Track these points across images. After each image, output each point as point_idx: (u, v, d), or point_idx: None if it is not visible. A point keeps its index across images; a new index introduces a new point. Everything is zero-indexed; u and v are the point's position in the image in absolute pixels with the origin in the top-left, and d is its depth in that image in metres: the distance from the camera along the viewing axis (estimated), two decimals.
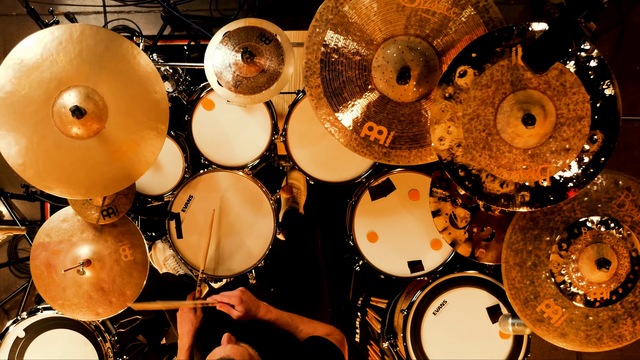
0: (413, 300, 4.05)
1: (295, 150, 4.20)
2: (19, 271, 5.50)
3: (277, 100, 4.77)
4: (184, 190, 4.28)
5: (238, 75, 3.61)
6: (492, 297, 4.04)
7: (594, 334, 3.29)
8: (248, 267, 4.35)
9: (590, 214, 3.26)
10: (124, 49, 3.17)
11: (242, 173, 4.25)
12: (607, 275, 3.22)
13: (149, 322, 4.97)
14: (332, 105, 3.19)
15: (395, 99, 3.16)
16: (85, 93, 3.10)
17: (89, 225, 3.85)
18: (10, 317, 5.17)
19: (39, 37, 3.12)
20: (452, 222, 3.72)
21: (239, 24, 3.67)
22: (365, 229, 4.27)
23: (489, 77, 2.87)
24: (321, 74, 3.17)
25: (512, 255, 3.33)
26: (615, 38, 5.13)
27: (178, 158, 4.29)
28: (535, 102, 2.84)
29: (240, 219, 4.33)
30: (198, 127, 4.21)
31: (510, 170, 2.94)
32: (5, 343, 4.24)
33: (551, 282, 3.28)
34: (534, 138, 2.88)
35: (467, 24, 3.06)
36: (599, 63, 2.81)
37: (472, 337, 4.06)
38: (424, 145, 3.20)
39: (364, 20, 3.10)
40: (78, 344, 4.28)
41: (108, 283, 3.80)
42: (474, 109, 2.90)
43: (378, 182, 4.17)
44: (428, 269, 4.25)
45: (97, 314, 3.82)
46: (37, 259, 3.82)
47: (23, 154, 3.13)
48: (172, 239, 4.32)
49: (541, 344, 5.23)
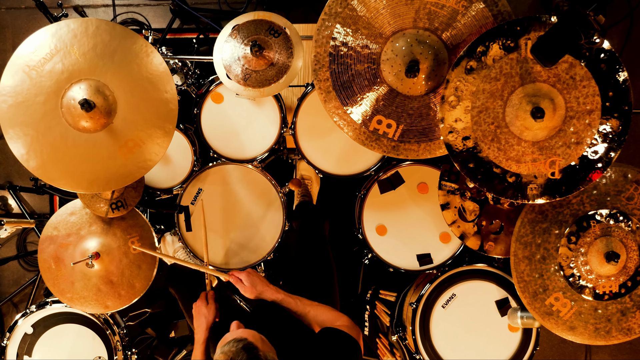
0: (422, 293, 4.05)
1: (304, 144, 4.20)
2: (28, 264, 5.50)
3: (286, 94, 4.76)
4: (193, 183, 4.28)
5: (247, 68, 3.61)
6: (501, 290, 4.03)
7: (603, 327, 3.29)
8: (257, 260, 4.36)
9: (599, 207, 3.26)
10: (137, 46, 3.18)
11: (251, 166, 4.26)
12: (616, 269, 3.22)
13: (158, 315, 4.98)
14: (341, 98, 3.19)
15: (404, 92, 3.16)
16: (95, 87, 3.11)
17: (98, 218, 3.86)
18: (19, 310, 5.17)
19: (54, 28, 3.13)
20: (461, 215, 3.72)
21: (248, 17, 3.67)
22: (374, 222, 4.27)
23: (498, 70, 2.87)
24: (330, 68, 3.17)
25: (521, 248, 3.33)
26: (624, 31, 5.11)
27: (187, 151, 4.29)
28: (545, 95, 2.84)
29: (249, 212, 4.33)
30: (207, 120, 4.21)
31: (519, 162, 2.94)
32: (13, 339, 4.25)
33: (560, 275, 3.28)
34: (542, 131, 2.88)
35: (476, 17, 3.06)
36: (609, 55, 2.81)
37: (480, 330, 4.06)
38: (432, 138, 3.20)
39: (372, 14, 3.10)
40: (86, 338, 4.29)
41: (117, 276, 3.81)
42: (483, 101, 2.90)
43: (387, 175, 4.16)
44: (437, 262, 4.25)
45: (106, 306, 3.83)
46: (45, 252, 3.83)
47: (28, 143, 3.13)
48: (181, 232, 4.32)
49: (550, 337, 5.22)
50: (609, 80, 2.84)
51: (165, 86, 3.19)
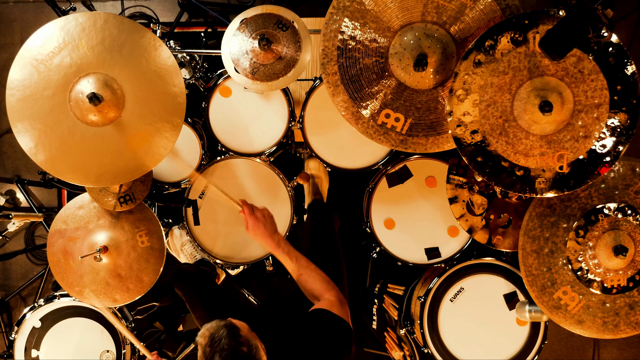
0: (430, 287, 4.05)
1: (312, 137, 4.20)
2: (36, 258, 5.52)
3: (294, 87, 4.76)
4: (201, 177, 4.28)
5: (255, 62, 3.61)
6: (509, 284, 4.04)
7: (611, 321, 3.29)
8: (265, 253, 4.37)
9: (607, 201, 3.25)
10: (146, 40, 3.18)
11: (259, 160, 4.26)
12: (624, 262, 3.21)
13: (166, 309, 4.99)
14: (349, 92, 3.19)
15: (412, 86, 3.16)
16: (103, 80, 3.11)
17: (106, 212, 3.86)
18: (28, 304, 5.19)
19: (62, 22, 3.14)
20: (469, 209, 3.72)
21: (256, 10, 3.67)
22: (383, 216, 4.27)
23: (507, 64, 2.86)
24: (338, 61, 3.17)
25: (529, 242, 3.33)
26: (633, 24, 5.10)
27: (195, 145, 4.29)
28: (553, 89, 2.84)
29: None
30: (215, 114, 4.21)
31: (527, 156, 2.94)
32: (21, 333, 4.26)
33: (568, 269, 3.28)
34: (551, 125, 2.88)
35: (484, 11, 3.05)
36: (617, 49, 2.80)
37: (489, 324, 4.06)
38: (441, 132, 3.20)
39: (380, 7, 3.10)
40: (95, 332, 4.30)
41: (125, 269, 3.81)
42: (491, 95, 2.90)
43: (395, 169, 4.16)
44: (445, 256, 4.25)
45: (115, 300, 3.84)
46: (54, 246, 3.83)
47: (36, 137, 3.14)
48: (189, 226, 4.33)
49: (558, 330, 5.22)
50: (617, 73, 2.83)
51: (174, 80, 3.19)
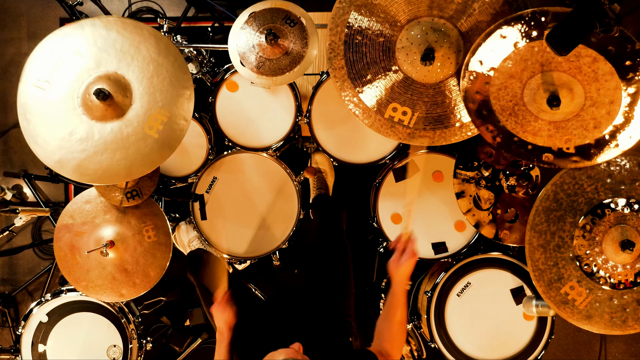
0: (437, 281, 4.05)
1: (319, 132, 4.21)
2: (43, 252, 5.52)
3: (301, 82, 4.76)
4: (207, 171, 4.29)
5: (261, 56, 3.61)
6: (516, 279, 4.03)
7: (619, 317, 3.28)
8: (272, 248, 4.37)
9: (614, 196, 3.24)
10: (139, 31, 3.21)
11: (266, 154, 4.26)
12: (631, 257, 3.20)
13: (173, 304, 4.99)
14: (356, 86, 3.19)
15: (419, 80, 3.15)
16: (105, 76, 3.13)
17: (112, 206, 3.87)
18: (35, 299, 5.20)
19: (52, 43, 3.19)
20: (476, 203, 3.71)
21: (264, 4, 3.67)
22: (389, 211, 4.27)
23: (519, 56, 2.86)
24: (345, 56, 3.17)
25: (536, 236, 3.32)
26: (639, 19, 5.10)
27: (202, 140, 4.30)
28: (564, 84, 2.84)
29: (263, 201, 4.34)
30: (222, 109, 4.21)
31: (535, 135, 2.94)
32: (28, 327, 4.27)
33: (575, 264, 3.27)
34: (559, 114, 2.88)
35: (491, 4, 3.05)
36: None
37: (496, 318, 4.06)
38: (448, 126, 3.19)
39: (388, 2, 3.09)
40: (101, 326, 4.30)
41: (131, 264, 3.82)
42: (502, 81, 2.90)
43: (402, 163, 4.16)
44: (452, 251, 4.25)
45: (121, 295, 3.85)
46: (60, 240, 3.85)
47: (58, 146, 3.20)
48: (196, 221, 4.33)
49: (565, 325, 5.22)
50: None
51: (174, 55, 3.21)
